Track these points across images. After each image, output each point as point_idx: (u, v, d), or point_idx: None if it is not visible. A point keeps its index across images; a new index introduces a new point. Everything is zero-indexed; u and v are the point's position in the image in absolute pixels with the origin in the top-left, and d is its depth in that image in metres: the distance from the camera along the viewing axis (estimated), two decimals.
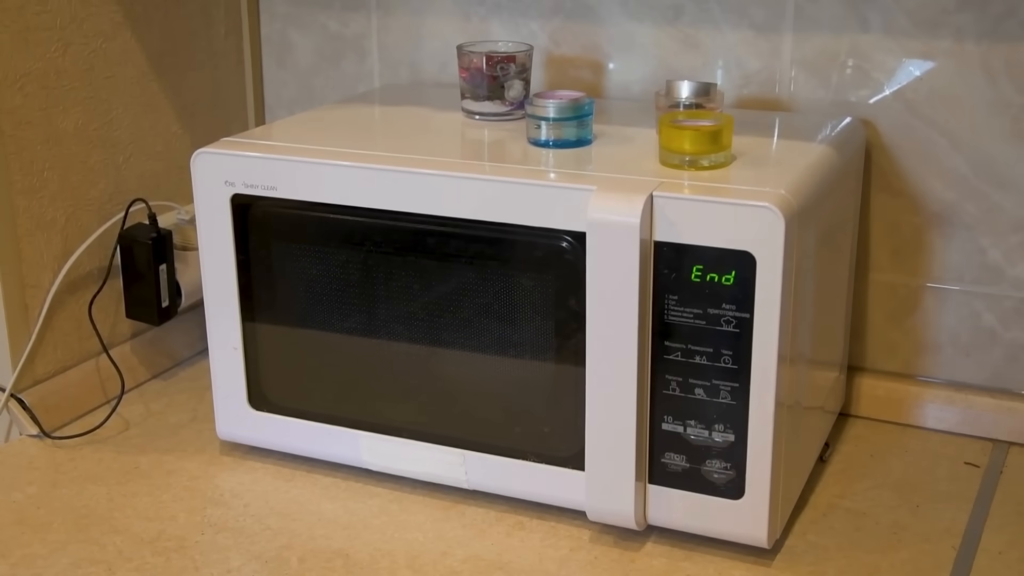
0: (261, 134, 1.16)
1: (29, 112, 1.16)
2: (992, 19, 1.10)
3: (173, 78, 1.33)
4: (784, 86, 1.20)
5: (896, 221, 1.18)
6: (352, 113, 1.22)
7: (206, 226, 1.07)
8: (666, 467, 0.97)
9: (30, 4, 1.15)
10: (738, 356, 0.91)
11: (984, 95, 1.12)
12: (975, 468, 1.12)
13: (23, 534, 1.02)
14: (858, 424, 1.21)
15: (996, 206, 1.14)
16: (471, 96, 1.14)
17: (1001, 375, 1.18)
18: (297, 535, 1.01)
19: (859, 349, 1.23)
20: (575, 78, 1.28)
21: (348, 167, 1.01)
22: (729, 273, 0.90)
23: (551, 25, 1.28)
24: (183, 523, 1.03)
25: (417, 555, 0.98)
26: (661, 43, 1.23)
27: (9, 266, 1.16)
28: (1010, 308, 1.16)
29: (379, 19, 1.37)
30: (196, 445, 1.17)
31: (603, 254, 0.91)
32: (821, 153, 1.03)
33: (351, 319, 1.06)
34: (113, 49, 1.25)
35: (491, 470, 1.04)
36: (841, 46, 1.16)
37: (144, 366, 1.32)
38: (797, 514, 1.04)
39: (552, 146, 1.04)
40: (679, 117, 1.00)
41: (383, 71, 1.38)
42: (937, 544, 1.00)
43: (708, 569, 0.96)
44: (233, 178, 1.05)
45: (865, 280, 1.21)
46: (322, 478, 1.10)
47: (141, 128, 1.29)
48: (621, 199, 0.91)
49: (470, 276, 1.00)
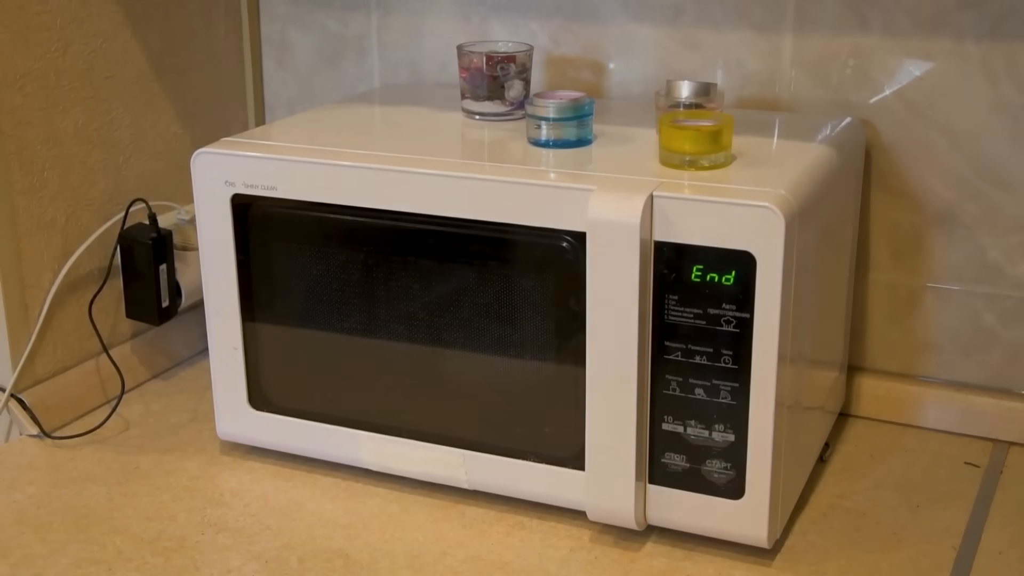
0: (261, 134, 1.16)
1: (29, 112, 1.16)
2: (992, 19, 1.10)
3: (173, 78, 1.33)
4: (784, 86, 1.20)
5: (896, 221, 1.18)
6: (352, 113, 1.22)
7: (206, 226, 1.07)
8: (666, 467, 0.97)
9: (30, 4, 1.15)
10: (738, 356, 0.91)
11: (984, 95, 1.12)
12: (975, 468, 1.12)
13: (23, 534, 1.02)
14: (858, 424, 1.21)
15: (996, 206, 1.14)
16: (471, 96, 1.14)
17: (1001, 375, 1.18)
18: (297, 535, 1.01)
19: (859, 349, 1.23)
20: (575, 78, 1.28)
21: (348, 167, 1.01)
22: (729, 273, 0.90)
23: (551, 25, 1.28)
24: (183, 523, 1.03)
25: (417, 555, 0.98)
26: (661, 43, 1.23)
27: (9, 266, 1.16)
28: (1010, 308, 1.16)
29: (379, 19, 1.37)
30: (196, 445, 1.17)
31: (603, 254, 0.91)
32: (821, 153, 1.03)
33: (351, 319, 1.06)
34: (113, 49, 1.25)
35: (491, 470, 1.04)
36: (841, 46, 1.16)
37: (144, 366, 1.32)
38: (797, 514, 1.04)
39: (552, 146, 1.04)
40: (679, 117, 1.00)
41: (383, 71, 1.38)
42: (937, 544, 1.00)
43: (708, 569, 0.96)
44: (233, 178, 1.05)
45: (865, 280, 1.21)
46: (322, 478, 1.10)
47: (141, 128, 1.29)
48: (621, 199, 0.91)
49: (470, 276, 1.00)
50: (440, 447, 1.05)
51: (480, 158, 1.07)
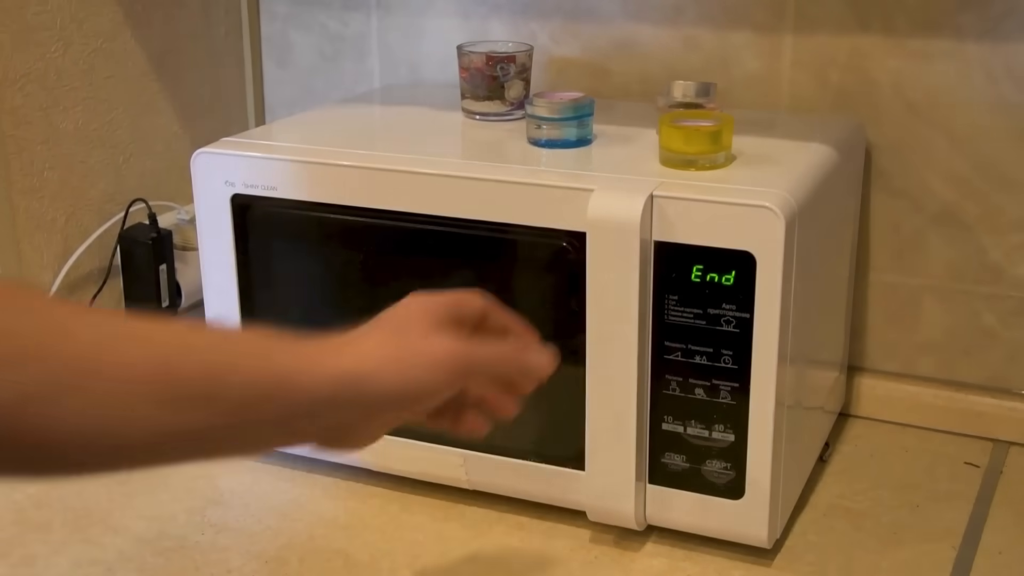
0: (261, 134, 1.16)
1: (29, 112, 1.16)
2: (992, 19, 1.10)
3: (173, 78, 1.33)
4: (784, 86, 1.20)
5: (896, 221, 1.18)
6: (352, 113, 1.22)
7: (206, 226, 1.07)
8: (666, 467, 0.97)
9: (30, 4, 1.15)
10: (738, 356, 0.91)
11: (984, 95, 1.12)
12: (975, 468, 1.12)
13: (23, 534, 1.02)
14: (858, 424, 1.21)
15: (996, 206, 1.14)
16: (471, 96, 1.14)
17: (1001, 375, 1.18)
18: (297, 535, 1.01)
19: (859, 349, 1.23)
20: (575, 78, 1.28)
21: (348, 167, 1.01)
22: (729, 273, 0.90)
23: (551, 25, 1.28)
24: (183, 523, 1.03)
25: (417, 555, 0.98)
26: (661, 43, 1.23)
27: (9, 266, 1.16)
28: (1010, 308, 1.16)
29: (379, 19, 1.37)
30: None
31: (603, 254, 0.91)
32: (821, 153, 1.03)
33: (351, 319, 1.06)
34: (113, 49, 1.25)
35: (491, 470, 1.04)
36: (841, 46, 1.16)
37: None
38: (797, 514, 1.04)
39: (552, 146, 1.04)
40: (679, 117, 1.00)
41: (383, 71, 1.38)
42: (937, 544, 1.00)
43: (708, 569, 0.96)
44: (233, 178, 1.05)
45: (865, 280, 1.21)
46: (322, 478, 1.10)
47: (141, 128, 1.29)
48: (621, 199, 0.91)
49: (470, 277, 1.00)
50: (440, 447, 1.05)
51: (480, 158, 1.07)
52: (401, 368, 0.70)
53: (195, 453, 0.67)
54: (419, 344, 0.72)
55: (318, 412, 0.68)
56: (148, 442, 0.63)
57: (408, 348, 0.71)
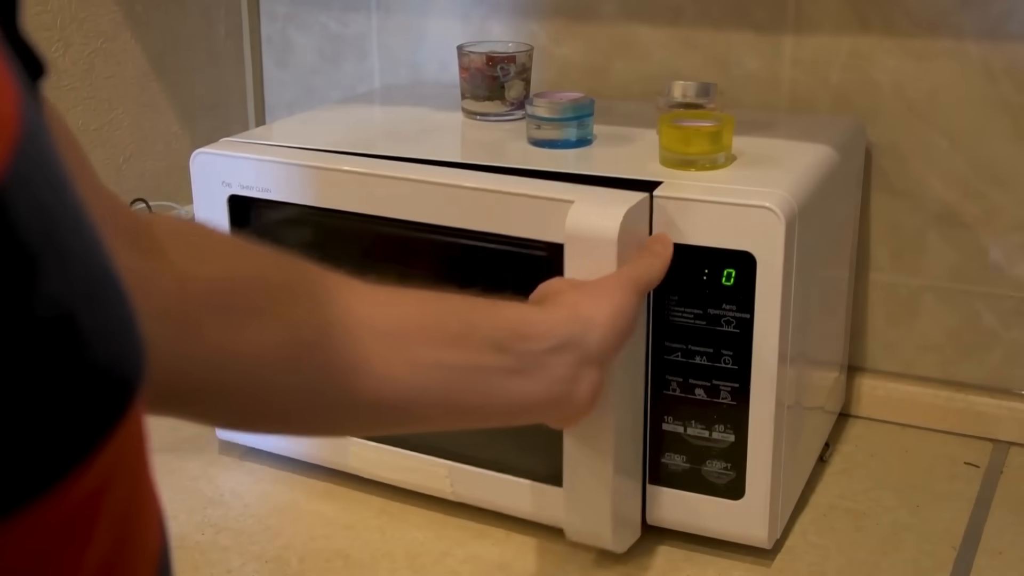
0: (261, 134, 1.16)
1: None
2: (992, 19, 1.10)
3: (173, 78, 1.33)
4: (784, 86, 1.20)
5: (896, 221, 1.18)
6: (352, 113, 1.22)
7: None
8: (666, 467, 0.96)
9: (30, 4, 1.15)
10: (738, 356, 0.91)
11: (984, 95, 1.12)
12: (975, 468, 1.12)
13: None
14: (858, 424, 1.21)
15: (996, 206, 1.14)
16: (471, 96, 1.14)
17: (1001, 375, 1.18)
18: (297, 535, 1.01)
19: (859, 349, 1.23)
20: (575, 78, 1.28)
21: (343, 173, 1.00)
22: (729, 273, 0.90)
23: (551, 25, 1.28)
24: (183, 523, 1.03)
25: (417, 555, 0.98)
26: (661, 43, 1.23)
27: None
28: (1010, 308, 1.16)
29: (379, 19, 1.37)
30: (196, 445, 1.17)
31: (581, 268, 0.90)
32: (821, 153, 1.03)
33: None
34: (113, 49, 1.25)
35: (476, 483, 1.02)
36: (841, 46, 1.16)
37: None
38: (797, 514, 1.04)
39: (552, 146, 1.04)
40: (679, 117, 1.00)
41: (383, 71, 1.38)
42: (937, 544, 1.00)
43: (708, 569, 0.96)
44: (230, 179, 1.04)
45: (865, 280, 1.21)
46: (322, 479, 1.10)
47: (141, 128, 1.29)
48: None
49: (470, 280, 1.00)
50: (426, 457, 1.04)
51: (480, 159, 1.07)
52: (610, 302, 0.82)
53: (443, 411, 0.76)
54: (605, 289, 0.83)
55: (551, 357, 0.77)
56: (408, 396, 0.72)
57: (602, 290, 0.83)
